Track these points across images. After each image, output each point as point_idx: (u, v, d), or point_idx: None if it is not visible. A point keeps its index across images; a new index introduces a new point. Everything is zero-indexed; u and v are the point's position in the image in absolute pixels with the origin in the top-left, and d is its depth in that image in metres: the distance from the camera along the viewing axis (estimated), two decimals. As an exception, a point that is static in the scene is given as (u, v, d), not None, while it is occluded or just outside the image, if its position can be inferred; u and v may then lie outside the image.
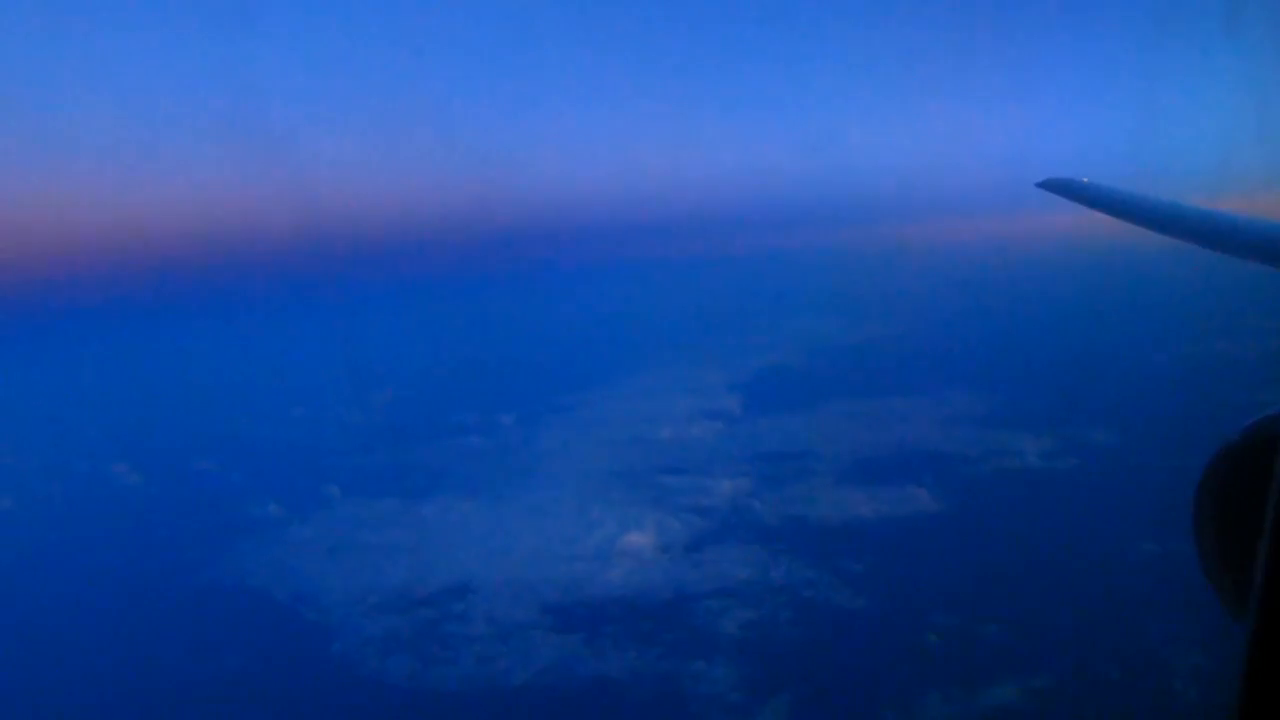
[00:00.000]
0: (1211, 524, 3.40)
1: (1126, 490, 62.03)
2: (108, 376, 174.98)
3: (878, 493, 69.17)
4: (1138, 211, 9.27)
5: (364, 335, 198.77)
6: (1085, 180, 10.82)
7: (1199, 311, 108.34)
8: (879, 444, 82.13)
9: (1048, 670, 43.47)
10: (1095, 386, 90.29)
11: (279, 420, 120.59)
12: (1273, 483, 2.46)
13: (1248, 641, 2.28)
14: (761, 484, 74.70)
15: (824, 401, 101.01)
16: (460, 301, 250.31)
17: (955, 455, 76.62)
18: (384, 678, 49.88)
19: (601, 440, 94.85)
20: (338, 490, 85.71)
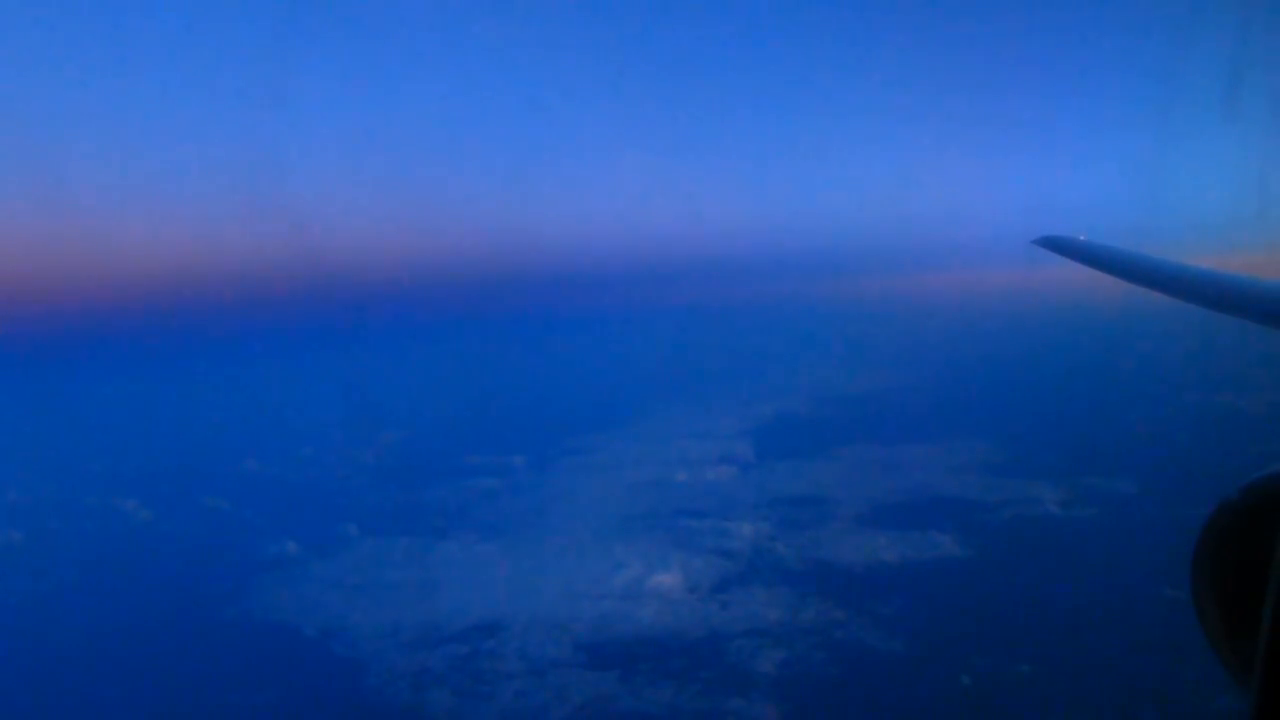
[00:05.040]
0: (1210, 584, 3.26)
1: (1147, 538, 62.77)
2: (113, 411, 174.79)
3: (900, 537, 69.97)
4: (1133, 270, 9.28)
5: (372, 375, 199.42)
6: (1082, 237, 10.94)
7: (1199, 367, 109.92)
8: (895, 490, 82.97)
9: (1085, 711, 44.16)
10: (1106, 437, 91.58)
11: (288, 459, 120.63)
12: (1277, 550, 2.47)
13: (1253, 711, 2.30)
14: (782, 528, 75.40)
15: (836, 448, 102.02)
16: (469, 344, 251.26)
17: (973, 502, 77.58)
18: (422, 712, 50.13)
19: (617, 483, 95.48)
20: (355, 529, 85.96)
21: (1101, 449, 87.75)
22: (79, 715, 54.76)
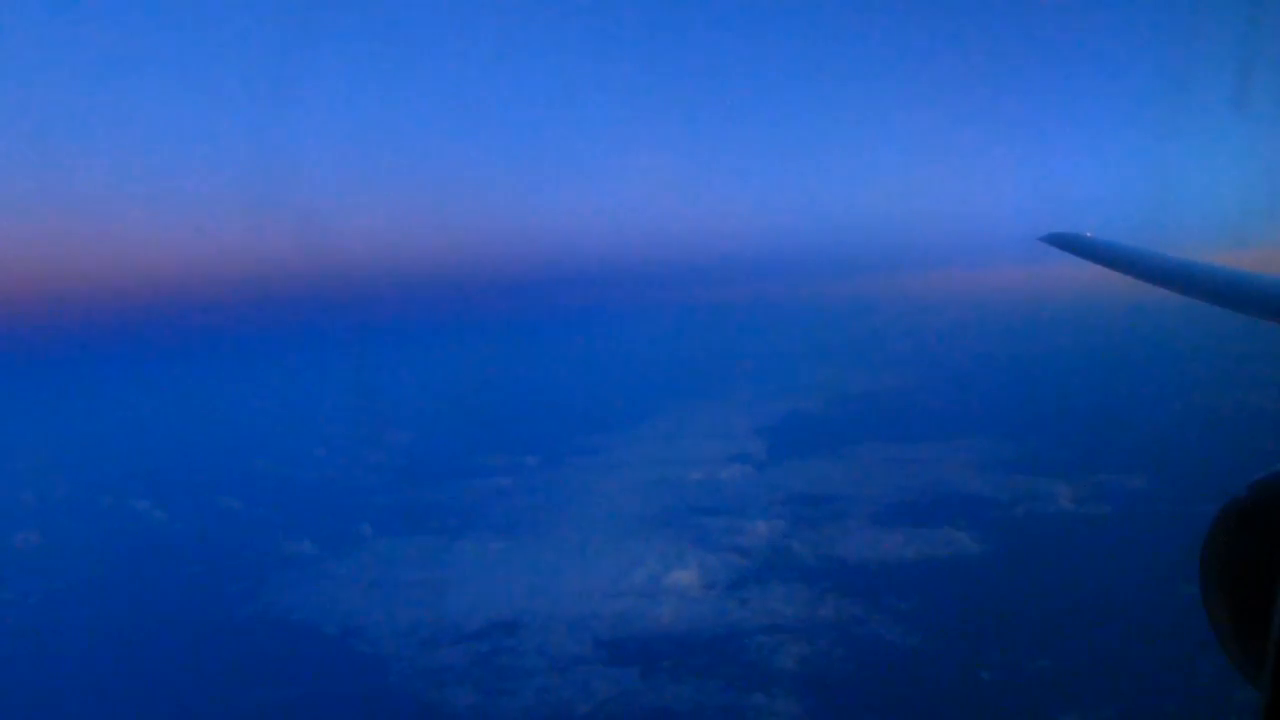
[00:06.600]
0: (1219, 582, 3.19)
1: (1162, 534, 62.86)
2: (126, 412, 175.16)
3: (916, 534, 70.31)
4: (1141, 266, 9.29)
5: (383, 376, 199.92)
6: (1089, 234, 10.96)
7: (1208, 363, 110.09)
8: (909, 488, 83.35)
9: (1107, 705, 44.44)
10: (1118, 434, 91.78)
11: (302, 460, 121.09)
12: None
13: (1264, 710, 2.28)
14: (797, 525, 75.74)
15: (848, 446, 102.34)
16: (480, 343, 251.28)
17: (988, 499, 77.90)
18: (446, 708, 50.54)
19: (630, 482, 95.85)
20: (370, 528, 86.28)
21: (1113, 445, 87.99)
22: (98, 714, 55.18)
